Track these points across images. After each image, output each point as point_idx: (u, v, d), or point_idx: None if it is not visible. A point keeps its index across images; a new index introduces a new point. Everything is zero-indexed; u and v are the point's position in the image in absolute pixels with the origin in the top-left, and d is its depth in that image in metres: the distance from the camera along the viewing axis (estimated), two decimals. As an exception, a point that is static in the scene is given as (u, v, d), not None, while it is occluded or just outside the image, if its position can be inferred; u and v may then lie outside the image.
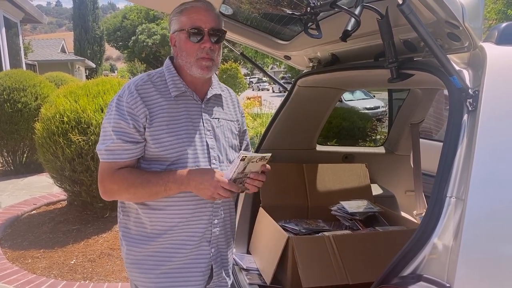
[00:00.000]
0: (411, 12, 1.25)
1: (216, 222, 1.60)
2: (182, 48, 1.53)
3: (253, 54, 20.11)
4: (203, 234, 1.57)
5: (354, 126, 7.75)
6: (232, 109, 1.74)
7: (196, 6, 1.53)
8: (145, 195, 1.49)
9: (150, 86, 1.53)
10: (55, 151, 4.57)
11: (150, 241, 1.55)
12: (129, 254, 1.60)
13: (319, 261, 2.14)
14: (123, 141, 1.48)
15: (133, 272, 1.60)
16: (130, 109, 1.48)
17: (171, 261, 1.55)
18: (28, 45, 18.99)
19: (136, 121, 1.48)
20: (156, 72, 1.61)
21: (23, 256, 4.18)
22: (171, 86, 1.55)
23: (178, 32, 1.54)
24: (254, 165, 1.45)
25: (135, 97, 1.49)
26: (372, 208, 2.71)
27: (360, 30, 1.48)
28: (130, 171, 1.50)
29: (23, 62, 11.63)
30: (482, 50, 1.43)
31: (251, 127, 10.21)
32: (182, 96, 1.56)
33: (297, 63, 2.73)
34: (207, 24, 1.50)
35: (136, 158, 1.52)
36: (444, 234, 1.26)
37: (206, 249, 1.59)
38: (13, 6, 10.33)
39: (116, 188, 1.50)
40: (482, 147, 1.28)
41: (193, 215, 1.54)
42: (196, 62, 1.51)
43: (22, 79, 7.46)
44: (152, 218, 1.54)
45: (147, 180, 1.47)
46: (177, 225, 1.53)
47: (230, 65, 27.43)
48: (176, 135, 1.50)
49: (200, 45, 1.50)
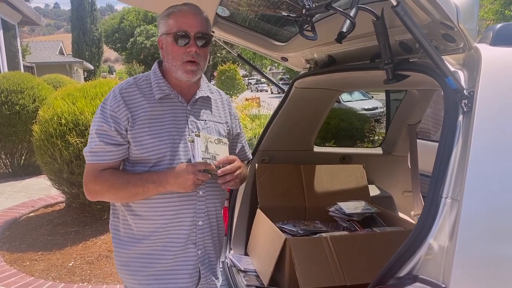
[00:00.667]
0: (406, 13, 1.26)
1: (201, 224, 1.61)
2: (169, 51, 1.55)
3: (251, 56, 20.13)
4: (188, 236, 1.59)
5: (352, 127, 7.76)
6: (222, 112, 1.75)
7: (183, 10, 1.54)
8: (125, 196, 1.53)
9: (135, 89, 1.57)
10: (53, 153, 4.56)
11: (137, 243, 1.58)
12: (118, 255, 1.64)
13: (316, 262, 2.14)
14: (105, 143, 1.52)
15: (123, 273, 1.64)
16: (113, 112, 1.52)
17: (158, 263, 1.58)
18: (26, 47, 18.98)
19: (118, 124, 1.51)
20: (143, 75, 1.64)
21: (21, 258, 4.17)
22: (156, 88, 1.57)
23: (165, 35, 1.55)
24: (216, 147, 1.50)
25: (118, 100, 1.53)
26: (370, 209, 2.71)
27: (356, 32, 1.49)
28: (112, 172, 1.54)
29: (21, 64, 11.62)
30: (477, 51, 1.43)
31: (249, 128, 10.21)
32: (167, 99, 1.58)
33: (294, 65, 2.74)
34: (194, 28, 1.52)
35: (119, 160, 1.56)
36: (439, 235, 1.26)
37: (193, 251, 1.61)
38: (11, 8, 10.32)
39: (99, 189, 1.54)
40: (477, 148, 1.28)
41: (175, 218, 1.56)
42: (182, 66, 1.53)
43: (20, 81, 7.45)
44: (137, 221, 1.58)
45: (127, 181, 1.50)
46: (161, 227, 1.56)
47: (229, 67, 27.45)
48: (158, 137, 1.53)
49: (186, 49, 1.51)
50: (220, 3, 2.15)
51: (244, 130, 8.60)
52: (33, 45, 24.54)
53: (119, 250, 1.63)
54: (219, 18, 2.33)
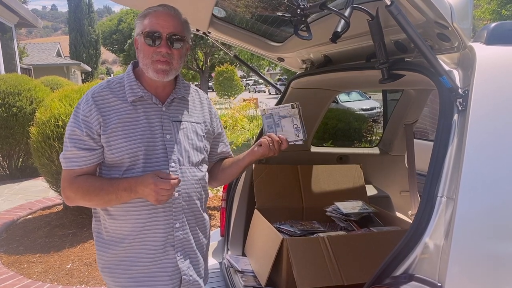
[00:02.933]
0: (400, 13, 1.26)
1: (178, 226, 1.59)
2: (141, 50, 1.55)
3: (249, 57, 20.11)
4: (165, 239, 1.57)
5: (350, 127, 7.76)
6: (199, 111, 1.73)
7: (158, 11, 1.54)
8: (100, 202, 1.53)
9: (108, 92, 1.56)
10: (51, 155, 4.56)
11: (115, 246, 1.58)
12: (100, 258, 1.64)
13: (313, 262, 2.14)
14: (78, 148, 1.51)
15: (105, 276, 1.64)
16: (85, 117, 1.52)
17: (137, 266, 1.57)
18: (23, 49, 18.95)
19: (89, 128, 1.51)
20: (116, 78, 1.63)
21: (18, 261, 4.16)
22: (128, 91, 1.56)
23: (140, 35, 1.55)
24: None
25: (90, 104, 1.52)
26: (367, 208, 2.71)
27: (351, 32, 1.49)
28: (86, 179, 1.53)
29: (18, 67, 11.59)
30: (471, 50, 1.44)
31: (247, 129, 10.21)
32: (141, 101, 1.57)
33: (290, 65, 2.74)
34: (166, 28, 1.51)
35: (93, 165, 1.55)
36: (435, 234, 1.26)
37: (172, 253, 1.59)
38: (8, 11, 10.31)
39: (73, 195, 1.54)
40: (472, 147, 1.28)
41: (150, 220, 1.55)
42: (152, 65, 1.52)
43: (17, 83, 7.44)
44: (114, 223, 1.58)
45: (100, 189, 1.49)
46: (135, 230, 1.55)
47: (226, 68, 27.46)
48: (131, 139, 1.51)
49: (157, 48, 1.51)
50: (216, 4, 2.15)
51: (242, 131, 8.53)
52: (31, 47, 24.51)
53: (100, 253, 1.63)
54: (215, 19, 2.33)
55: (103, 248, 1.62)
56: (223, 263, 2.64)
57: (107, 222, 1.60)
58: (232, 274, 2.49)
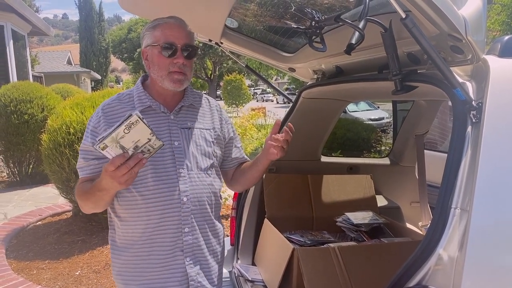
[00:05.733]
0: (414, 25, 1.27)
1: (188, 231, 1.60)
2: (155, 62, 1.59)
3: (257, 66, 20.22)
4: (174, 244, 1.59)
5: (359, 137, 7.75)
6: (209, 118, 1.76)
7: (169, 23, 1.59)
8: (92, 205, 1.56)
9: (117, 104, 1.63)
10: (61, 162, 4.60)
11: (126, 251, 1.61)
12: (114, 265, 1.68)
13: (324, 273, 2.13)
14: (85, 159, 1.59)
15: (118, 283, 1.68)
16: (94, 128, 1.59)
17: (147, 271, 1.59)
18: (35, 57, 19.18)
19: (96, 138, 1.53)
20: (127, 91, 1.69)
21: (28, 267, 4.19)
22: (137, 102, 1.62)
23: (151, 47, 1.59)
24: (132, 135, 1.26)
25: (99, 116, 1.59)
26: (378, 219, 2.70)
27: (364, 43, 1.50)
28: (82, 184, 1.58)
29: (30, 74, 11.73)
30: (485, 63, 1.44)
31: (255, 138, 10.23)
32: (149, 110, 1.62)
33: (301, 75, 2.75)
34: (180, 40, 1.57)
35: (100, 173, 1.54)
36: (449, 245, 1.26)
37: (180, 258, 1.60)
38: (21, 19, 10.46)
39: (79, 201, 1.60)
40: (486, 159, 1.28)
41: (159, 224, 1.57)
42: (168, 76, 1.57)
43: (29, 90, 7.54)
44: (126, 228, 1.61)
45: (86, 192, 1.53)
46: (145, 235, 1.57)
47: (235, 77, 27.60)
48: None
49: (173, 60, 1.56)
50: (229, 15, 2.18)
51: (250, 140, 8.58)
52: (42, 55, 24.80)
53: (114, 260, 1.67)
54: (227, 30, 2.36)
55: (116, 255, 1.65)
56: (233, 272, 2.64)
57: (119, 227, 1.63)
58: (242, 283, 2.49)
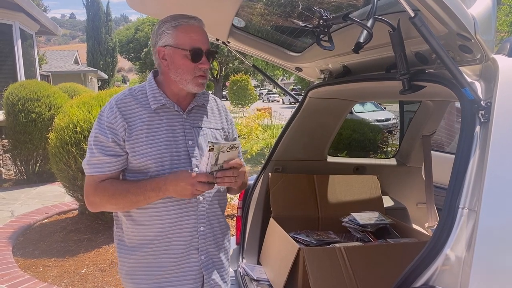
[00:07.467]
0: (423, 24, 1.26)
1: (203, 230, 1.62)
2: (178, 65, 1.57)
3: (264, 66, 20.21)
4: (190, 242, 1.60)
5: (365, 138, 7.73)
6: (218, 118, 1.78)
7: (193, 25, 1.57)
8: (127, 204, 1.54)
9: (131, 100, 1.60)
10: (68, 161, 4.63)
11: (137, 251, 1.60)
12: (122, 265, 1.66)
13: (330, 273, 2.13)
14: (104, 154, 1.54)
15: (127, 283, 1.66)
16: (110, 123, 1.55)
17: (160, 271, 1.59)
18: (43, 56, 19.30)
19: (115, 135, 1.54)
20: (138, 86, 1.67)
21: (34, 264, 4.21)
22: (151, 99, 1.60)
23: (172, 48, 1.56)
24: (226, 154, 1.49)
25: (114, 111, 1.55)
26: (384, 220, 2.69)
27: (372, 42, 1.50)
28: (111, 182, 1.55)
29: (37, 73, 11.80)
30: (494, 62, 1.43)
31: (261, 138, 10.22)
32: (163, 108, 1.61)
33: (308, 75, 2.75)
34: (205, 45, 1.57)
35: (118, 171, 1.58)
36: (456, 246, 1.25)
37: (195, 256, 1.62)
38: (29, 19, 10.52)
39: (99, 200, 1.56)
40: (495, 159, 1.28)
41: (176, 224, 1.57)
42: (193, 80, 1.58)
43: (36, 89, 7.59)
44: (139, 228, 1.59)
45: (126, 191, 1.51)
46: (160, 235, 1.57)
47: (241, 77, 27.59)
48: (156, 145, 1.54)
49: (199, 65, 1.56)
50: (236, 14, 2.18)
51: (256, 140, 8.55)
52: (49, 54, 24.96)
53: (122, 259, 1.65)
54: (234, 29, 2.36)
55: (125, 255, 1.63)
56: (238, 271, 2.64)
57: (129, 228, 1.61)
58: (247, 282, 2.49)
